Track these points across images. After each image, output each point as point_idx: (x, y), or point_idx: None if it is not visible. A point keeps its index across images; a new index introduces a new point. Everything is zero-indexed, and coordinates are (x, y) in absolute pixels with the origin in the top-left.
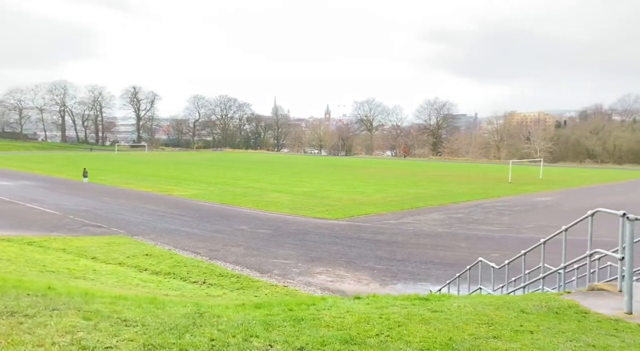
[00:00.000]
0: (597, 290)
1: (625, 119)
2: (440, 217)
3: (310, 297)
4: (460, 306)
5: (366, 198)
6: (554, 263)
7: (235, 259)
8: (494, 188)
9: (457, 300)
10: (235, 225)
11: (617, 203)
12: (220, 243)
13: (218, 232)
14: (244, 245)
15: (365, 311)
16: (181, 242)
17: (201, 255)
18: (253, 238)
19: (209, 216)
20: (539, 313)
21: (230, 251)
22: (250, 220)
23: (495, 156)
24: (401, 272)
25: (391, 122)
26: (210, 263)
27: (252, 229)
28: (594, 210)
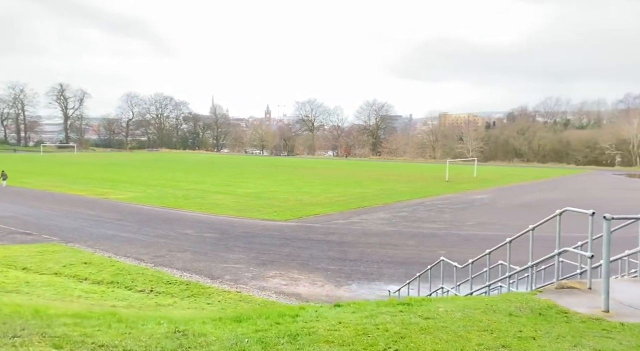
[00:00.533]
0: (567, 288)
1: (548, 120)
2: (386, 216)
3: (288, 307)
4: (448, 311)
5: (313, 199)
6: (516, 262)
7: (182, 265)
8: (433, 187)
9: (438, 304)
10: (180, 229)
11: (546, 200)
12: (165, 248)
13: (161, 236)
14: (190, 250)
15: (358, 321)
16: (122, 249)
17: (145, 261)
18: (200, 243)
19: (150, 220)
20: (527, 316)
21: (177, 257)
22: (195, 223)
23: (431, 156)
24: (354, 272)
25: (332, 123)
26: (156, 270)
27: (198, 233)
28: (562, 210)
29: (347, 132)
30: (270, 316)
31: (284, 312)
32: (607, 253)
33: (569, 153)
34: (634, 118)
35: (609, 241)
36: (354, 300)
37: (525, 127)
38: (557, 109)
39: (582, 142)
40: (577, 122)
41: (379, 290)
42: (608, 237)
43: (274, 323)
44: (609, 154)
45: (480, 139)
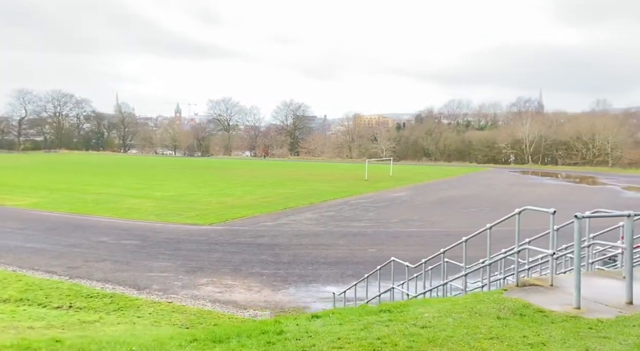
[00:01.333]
0: (530, 286)
1: (451, 122)
2: (314, 216)
3: (261, 322)
4: (436, 317)
5: (236, 201)
6: (460, 259)
7: (103, 276)
8: (355, 186)
9: (417, 309)
10: (94, 237)
11: (458, 196)
12: (80, 258)
13: (74, 246)
14: (110, 259)
15: (356, 336)
16: (28, 261)
17: (58, 274)
18: (119, 251)
19: (58, 228)
20: (514, 319)
21: (95, 267)
22: (111, 230)
23: (348, 155)
24: (290, 275)
25: (249, 122)
26: (72, 283)
27: (116, 240)
28: (522, 208)
29: (264, 132)
30: (252, 335)
31: (264, 328)
32: (579, 251)
33: (471, 153)
34: (526, 120)
35: (580, 239)
36: (331, 309)
37: (432, 128)
38: (459, 111)
39: (482, 142)
40: (476, 123)
41: (318, 292)
42: (579, 235)
43: (265, 342)
44: (505, 153)
45: (393, 139)
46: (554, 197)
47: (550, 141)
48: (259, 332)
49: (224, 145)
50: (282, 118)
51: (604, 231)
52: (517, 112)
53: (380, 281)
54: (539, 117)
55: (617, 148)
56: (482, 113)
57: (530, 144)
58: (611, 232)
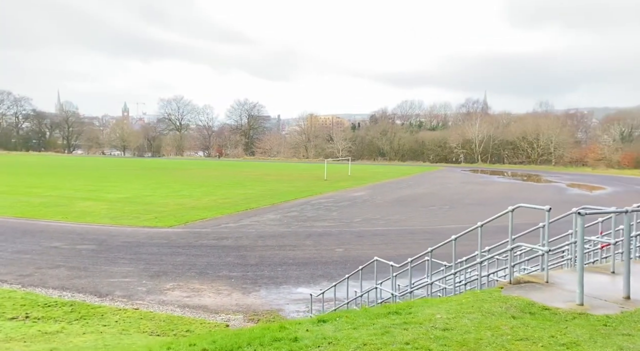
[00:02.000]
0: (525, 283)
1: (404, 122)
2: (276, 217)
3: (265, 328)
4: (451, 318)
5: (195, 202)
6: (442, 258)
7: (59, 283)
8: (315, 186)
9: (425, 310)
10: (46, 243)
11: (416, 195)
12: (32, 265)
13: (23, 252)
14: (65, 266)
15: (384, 341)
16: None
17: (9, 282)
18: (75, 256)
19: (3, 233)
20: (529, 318)
21: (49, 274)
22: (64, 235)
23: (304, 156)
24: (259, 277)
25: (202, 122)
26: (26, 292)
27: (70, 245)
28: (515, 206)
29: (217, 132)
30: (265, 343)
31: (274, 336)
32: (582, 248)
33: (424, 152)
34: (475, 121)
35: (583, 236)
36: (335, 313)
37: (387, 128)
38: (411, 112)
39: (435, 142)
40: (428, 123)
41: (290, 293)
42: (582, 232)
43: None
44: (456, 153)
45: (349, 140)
46: (505, 195)
47: (498, 141)
48: (271, 339)
49: (176, 145)
50: (236, 117)
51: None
52: (466, 113)
53: (361, 281)
54: (487, 117)
55: (560, 148)
56: (433, 114)
57: (480, 144)
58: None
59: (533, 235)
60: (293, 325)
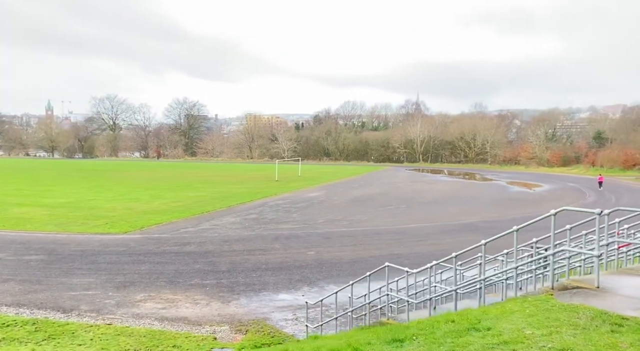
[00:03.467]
0: (574, 289)
1: (347, 122)
2: (237, 220)
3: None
4: (545, 334)
5: (145, 206)
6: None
7: (13, 300)
8: (267, 187)
9: (502, 324)
10: None
11: (371, 194)
12: None
13: None
14: (14, 279)
15: None
16: None
17: None
18: (23, 269)
19: None
20: (623, 329)
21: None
22: (5, 244)
23: (248, 156)
24: (235, 285)
25: (138, 122)
26: None
27: (15, 256)
28: (560, 209)
29: (155, 132)
30: None
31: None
32: None
33: (368, 152)
34: (417, 121)
35: None
36: (408, 331)
37: (331, 128)
38: (354, 112)
39: (378, 142)
40: (370, 124)
41: (272, 301)
42: None
43: None
44: (399, 152)
45: (294, 140)
46: (454, 193)
47: (438, 141)
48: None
49: (110, 145)
50: (175, 117)
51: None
52: (405, 114)
53: (369, 286)
54: (428, 118)
55: (495, 147)
56: (375, 115)
57: (421, 144)
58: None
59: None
60: (364, 346)
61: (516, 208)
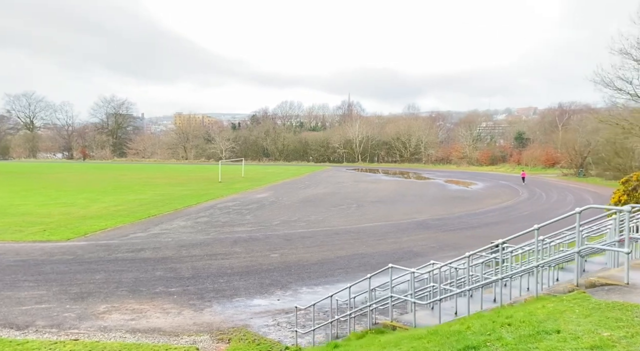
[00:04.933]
0: (603, 285)
1: (285, 123)
2: (188, 224)
3: None
4: (625, 337)
5: (83, 211)
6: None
7: None
8: (212, 189)
9: (570, 326)
10: None
11: (321, 194)
12: None
13: None
14: None
15: None
16: None
17: None
18: None
19: None
20: None
21: None
22: None
23: (183, 156)
24: (204, 291)
25: (60, 121)
26: None
27: None
28: (585, 207)
29: (79, 132)
30: None
31: None
32: None
33: (308, 152)
34: (355, 122)
35: None
36: (473, 335)
37: (270, 128)
38: (291, 112)
39: (318, 142)
40: (308, 124)
41: (247, 307)
42: None
43: None
44: (339, 153)
45: (233, 140)
46: (399, 192)
47: (376, 141)
48: None
49: (28, 146)
50: (101, 116)
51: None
52: (342, 115)
53: (370, 287)
54: (366, 119)
55: (429, 147)
56: (312, 115)
57: (360, 144)
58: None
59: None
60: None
61: (460, 206)
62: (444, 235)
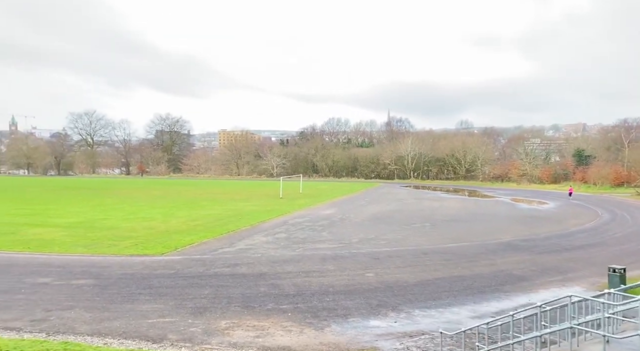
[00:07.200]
0: None
1: (333, 139)
2: (268, 239)
3: None
4: None
5: (164, 226)
6: None
7: (90, 328)
8: (277, 204)
9: None
10: (29, 279)
11: (388, 212)
12: (37, 307)
13: (9, 292)
14: (77, 306)
15: None
16: None
17: (27, 331)
18: (78, 294)
19: None
20: None
21: (66, 317)
22: (43, 268)
23: (236, 173)
24: (315, 309)
25: (118, 137)
26: (62, 342)
27: (63, 281)
28: None
29: (136, 148)
30: None
31: None
32: None
33: (358, 168)
34: (407, 138)
35: None
36: None
37: (320, 145)
38: (338, 129)
39: (368, 159)
40: (355, 140)
41: (366, 328)
42: None
43: None
44: (390, 169)
45: (283, 156)
46: (469, 210)
47: (428, 158)
48: None
49: (90, 162)
50: (158, 133)
51: None
52: (390, 131)
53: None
54: (417, 135)
55: (486, 164)
56: (359, 131)
57: (412, 160)
58: None
59: None
60: None
61: (541, 226)
62: (540, 258)
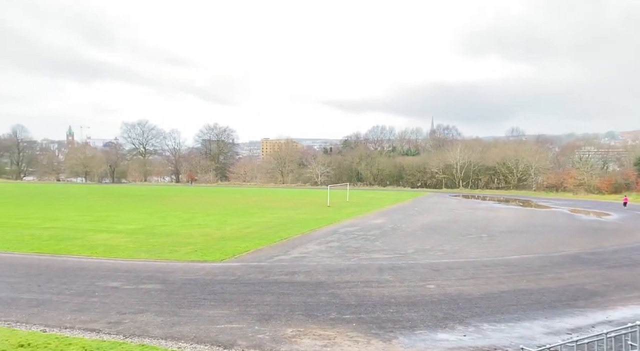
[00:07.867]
0: None
1: (377, 147)
2: (322, 248)
3: None
4: None
5: (219, 232)
6: None
7: (163, 332)
8: (325, 213)
9: None
10: (100, 283)
11: (441, 222)
12: (112, 310)
13: (84, 294)
14: (149, 310)
15: None
16: (45, 316)
17: (105, 332)
18: (148, 298)
19: (41, 273)
20: None
21: (140, 321)
22: (111, 272)
23: (281, 181)
24: (380, 321)
25: (168, 147)
26: (139, 345)
27: (131, 285)
28: None
29: (186, 157)
30: None
31: None
32: None
33: (404, 177)
34: (456, 146)
35: None
36: None
37: (364, 153)
38: (382, 137)
39: (414, 167)
40: (400, 148)
41: (434, 341)
42: None
43: None
44: (437, 178)
45: (327, 164)
46: (525, 221)
47: (478, 166)
48: None
49: (142, 170)
50: (205, 142)
51: None
52: (437, 139)
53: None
54: (465, 143)
55: (540, 173)
56: (405, 139)
57: (461, 169)
58: None
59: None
60: None
61: (608, 239)
62: (612, 273)
